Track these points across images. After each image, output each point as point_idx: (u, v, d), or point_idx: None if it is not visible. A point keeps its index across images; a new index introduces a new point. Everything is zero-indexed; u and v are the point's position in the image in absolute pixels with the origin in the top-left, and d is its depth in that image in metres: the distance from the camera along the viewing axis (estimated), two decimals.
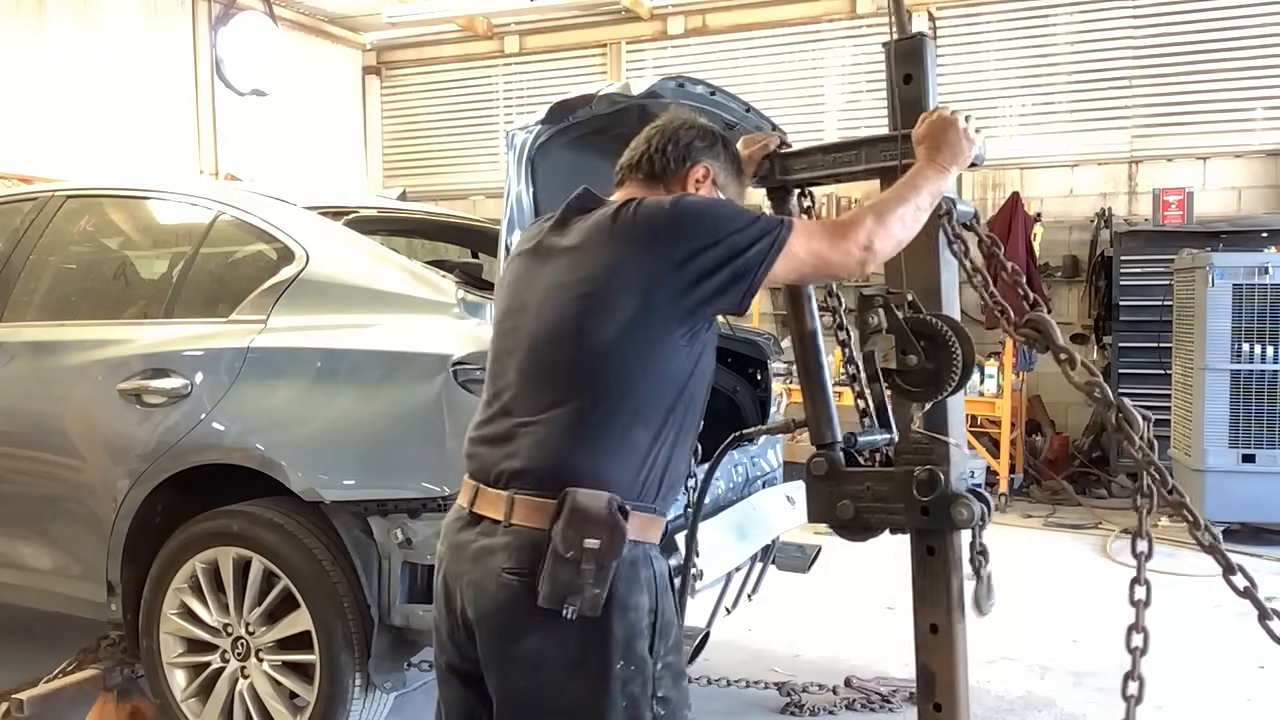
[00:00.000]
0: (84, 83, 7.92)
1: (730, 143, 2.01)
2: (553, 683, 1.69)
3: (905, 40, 2.10)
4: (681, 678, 1.80)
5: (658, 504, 1.77)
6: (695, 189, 1.90)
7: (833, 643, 4.24)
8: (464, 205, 9.62)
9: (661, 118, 2.00)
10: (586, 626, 1.64)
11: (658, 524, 1.78)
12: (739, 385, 3.78)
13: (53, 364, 3.32)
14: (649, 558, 1.74)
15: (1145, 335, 7.23)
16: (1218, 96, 7.75)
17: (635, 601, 1.69)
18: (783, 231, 1.73)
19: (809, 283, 1.93)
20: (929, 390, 1.99)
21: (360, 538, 2.77)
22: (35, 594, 3.40)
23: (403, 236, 4.01)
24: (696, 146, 1.93)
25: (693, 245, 1.70)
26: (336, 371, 2.87)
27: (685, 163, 1.91)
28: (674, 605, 1.80)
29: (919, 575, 2.13)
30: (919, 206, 1.84)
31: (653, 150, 1.92)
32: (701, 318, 1.75)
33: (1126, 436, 1.88)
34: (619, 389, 1.69)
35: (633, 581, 1.69)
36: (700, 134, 1.95)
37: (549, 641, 1.67)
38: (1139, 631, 1.87)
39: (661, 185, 1.90)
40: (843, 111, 8.91)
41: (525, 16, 9.88)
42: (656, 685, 1.71)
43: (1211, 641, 4.02)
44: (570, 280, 1.74)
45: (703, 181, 1.91)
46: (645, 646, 1.70)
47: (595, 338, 1.69)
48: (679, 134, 1.93)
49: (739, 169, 2.02)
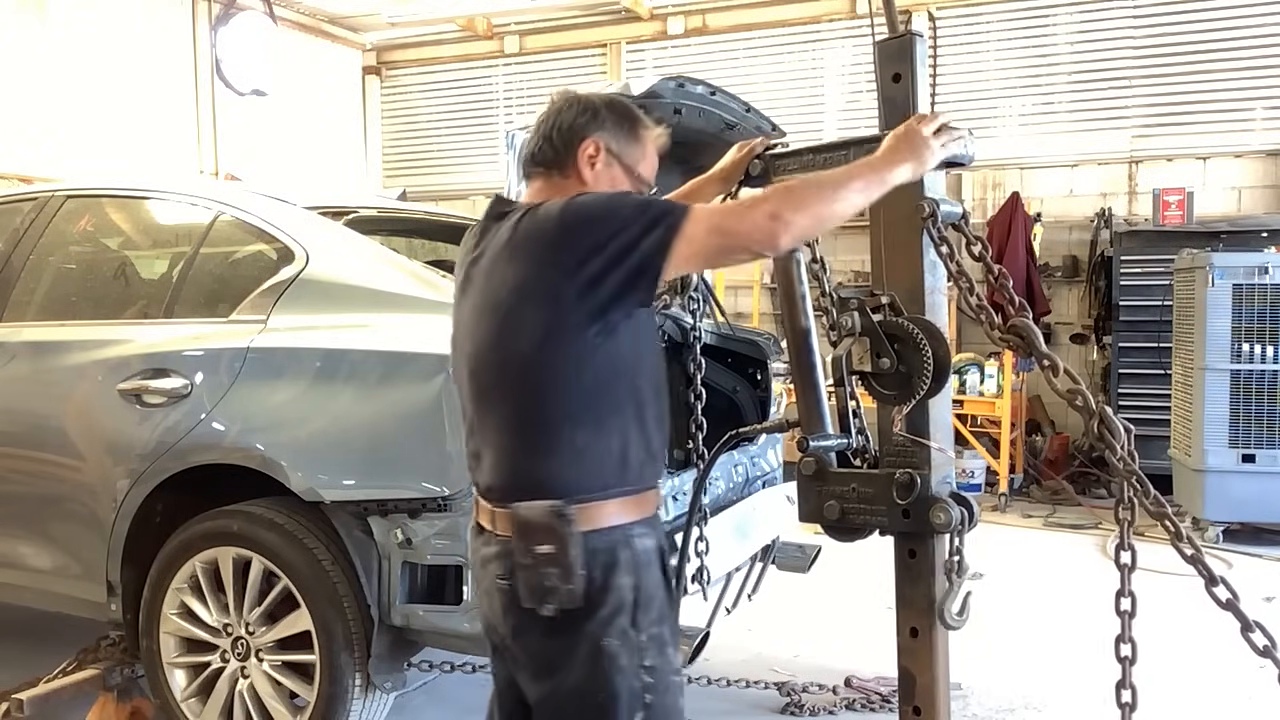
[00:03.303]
0: (84, 83, 7.93)
1: (617, 104, 1.97)
2: (559, 669, 1.80)
3: (894, 39, 2.10)
4: (666, 646, 1.87)
5: (630, 484, 1.83)
6: (591, 165, 1.89)
7: (833, 643, 4.24)
8: (464, 205, 9.61)
9: (547, 104, 1.98)
10: (573, 615, 1.76)
11: (634, 503, 1.83)
12: (739, 385, 3.78)
13: (53, 364, 3.32)
14: (628, 538, 1.82)
15: (1145, 335, 7.23)
16: (1218, 96, 7.75)
17: (616, 583, 1.78)
18: (676, 217, 1.71)
19: (728, 261, 1.85)
20: (903, 393, 1.99)
21: (360, 538, 2.77)
22: (35, 594, 3.40)
23: (403, 236, 4.01)
24: (579, 124, 1.90)
25: (584, 252, 1.71)
26: (336, 371, 2.86)
27: (573, 144, 1.89)
28: (659, 579, 1.87)
29: (901, 578, 2.14)
30: (847, 189, 1.78)
31: (542, 139, 1.91)
32: (615, 315, 1.76)
33: (1108, 445, 1.88)
34: (549, 399, 1.77)
35: (610, 566, 1.78)
36: (580, 109, 1.92)
37: (546, 635, 1.79)
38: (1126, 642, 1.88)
39: (558, 172, 1.90)
40: (843, 111, 8.91)
41: (525, 16, 9.88)
42: (643, 655, 1.81)
43: (1211, 641, 4.02)
44: (483, 305, 1.83)
45: (596, 156, 1.90)
46: (628, 621, 1.80)
47: (516, 356, 1.78)
48: (560, 116, 1.92)
49: (633, 130, 1.96)
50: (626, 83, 2.74)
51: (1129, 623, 1.89)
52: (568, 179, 1.90)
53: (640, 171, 1.95)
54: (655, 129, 2.00)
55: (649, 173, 1.98)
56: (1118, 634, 1.88)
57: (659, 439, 1.91)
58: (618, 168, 1.92)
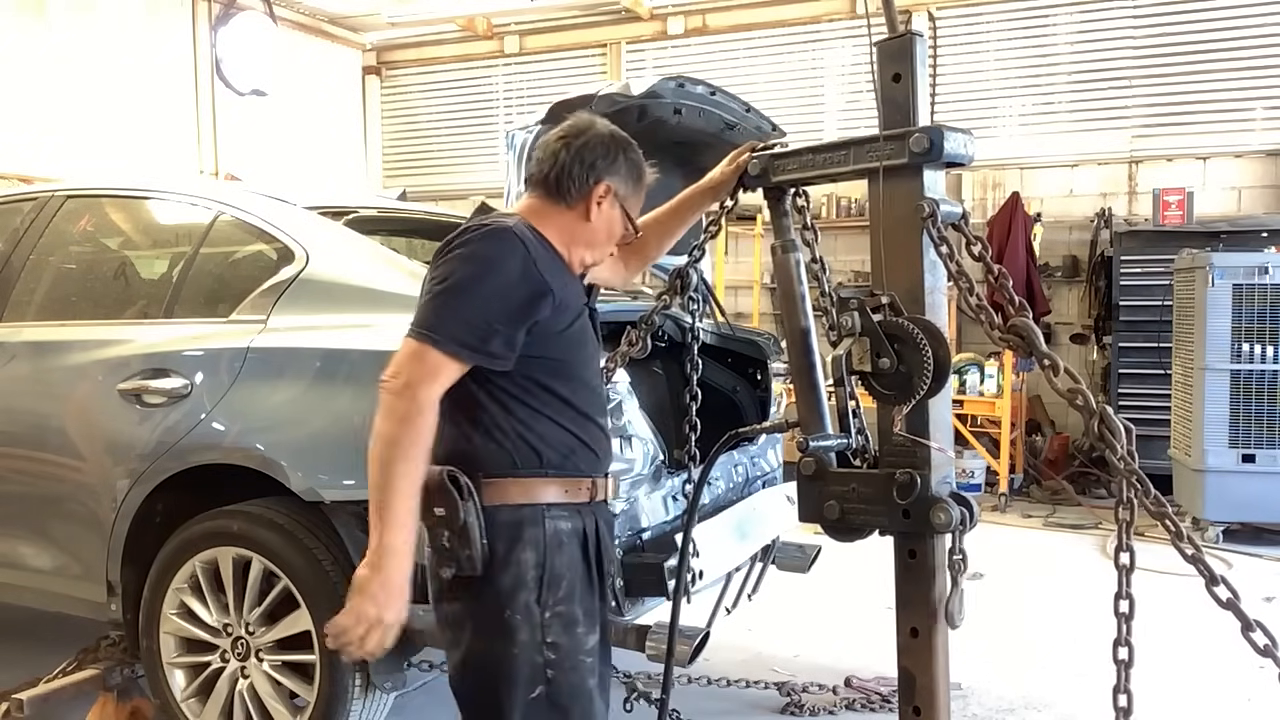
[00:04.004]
0: (84, 83, 7.93)
1: (634, 152, 2.03)
2: (462, 636, 1.92)
3: (894, 39, 2.10)
4: (574, 625, 1.95)
5: (552, 467, 1.93)
6: (598, 206, 1.97)
7: (833, 643, 4.25)
8: (464, 205, 9.61)
9: (567, 125, 2.02)
10: (474, 583, 1.87)
11: (557, 485, 1.94)
12: (739, 385, 3.78)
13: (53, 364, 3.32)
14: (541, 518, 1.92)
15: (1145, 335, 7.23)
16: (1218, 96, 7.75)
17: (518, 558, 1.88)
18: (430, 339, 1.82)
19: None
20: (903, 393, 1.99)
21: (360, 538, 2.75)
22: (35, 594, 3.40)
23: (403, 236, 4.00)
24: (600, 165, 1.97)
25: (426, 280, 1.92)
26: (336, 371, 2.86)
27: (589, 184, 1.96)
28: (576, 559, 1.96)
29: (901, 578, 2.14)
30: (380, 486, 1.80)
31: (560, 169, 1.96)
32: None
33: (1108, 445, 1.88)
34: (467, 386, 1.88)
35: (515, 540, 1.88)
36: (604, 149, 1.98)
37: (452, 601, 1.93)
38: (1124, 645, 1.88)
39: (563, 203, 1.97)
40: (843, 111, 8.91)
41: (525, 16, 9.88)
42: (545, 632, 1.90)
43: (1212, 641, 4.02)
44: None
45: (604, 198, 1.97)
46: (532, 598, 1.89)
47: None
48: (584, 153, 1.97)
49: (640, 179, 2.04)
50: (626, 83, 2.74)
51: (1127, 625, 1.88)
52: (570, 210, 1.97)
53: (634, 217, 2.06)
54: (652, 175, 2.08)
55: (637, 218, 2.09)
56: (1115, 637, 1.88)
57: (592, 432, 2.01)
58: (618, 210, 2.01)
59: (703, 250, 2.58)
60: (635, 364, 2.81)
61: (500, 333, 1.83)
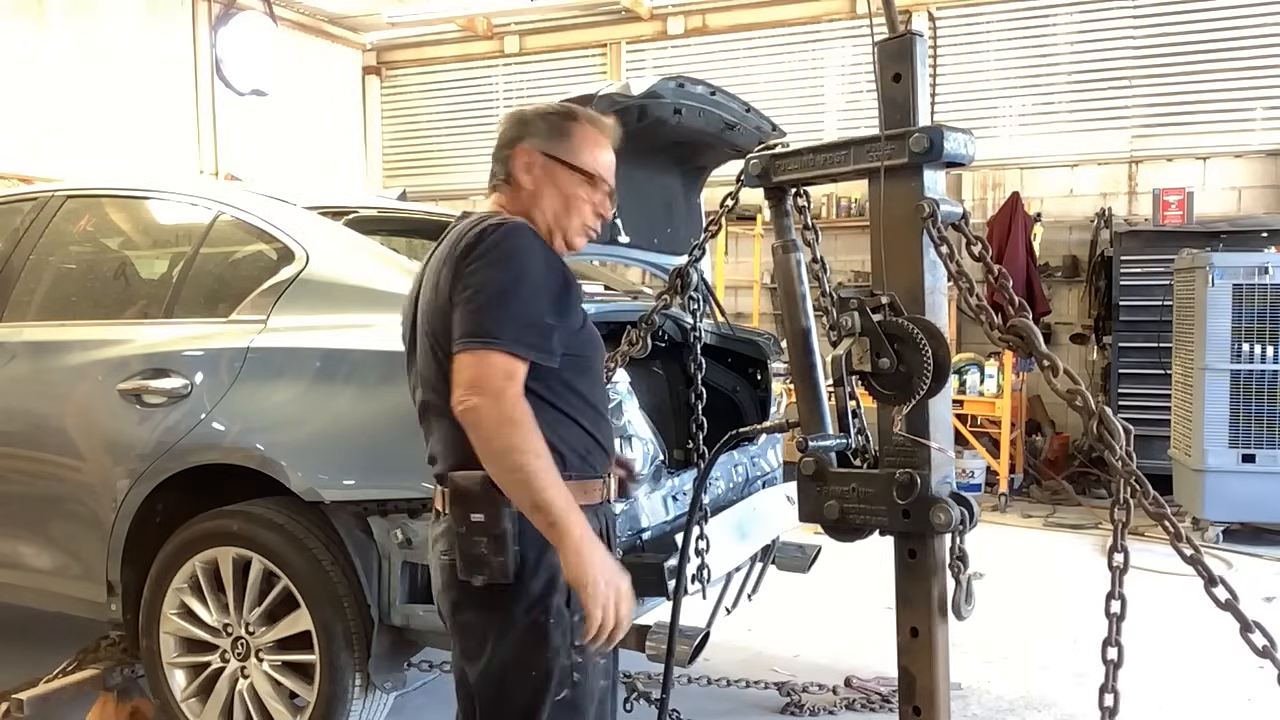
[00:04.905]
0: (84, 83, 7.93)
1: (551, 108, 2.04)
2: (491, 644, 1.87)
3: (894, 39, 2.10)
4: None
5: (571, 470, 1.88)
6: (528, 171, 1.97)
7: (833, 643, 4.25)
8: (464, 205, 9.61)
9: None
10: (504, 590, 1.83)
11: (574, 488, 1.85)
12: (739, 385, 3.78)
13: (53, 364, 3.32)
14: None
15: (1145, 335, 7.23)
16: (1218, 96, 7.75)
17: (549, 562, 1.83)
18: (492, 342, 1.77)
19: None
20: (903, 393, 1.99)
21: (360, 538, 2.77)
22: (35, 594, 3.40)
23: (403, 236, 4.00)
24: (509, 136, 2.00)
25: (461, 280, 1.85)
26: (336, 371, 2.86)
27: (508, 156, 1.99)
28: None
29: (901, 578, 2.13)
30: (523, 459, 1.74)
31: (493, 159, 2.02)
32: None
33: (1107, 445, 1.88)
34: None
35: (544, 545, 1.81)
36: (513, 122, 2.02)
37: (481, 609, 1.87)
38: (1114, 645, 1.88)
39: (505, 184, 2.00)
40: (843, 111, 8.92)
41: (525, 16, 9.88)
42: (575, 635, 1.86)
43: (1212, 640, 4.02)
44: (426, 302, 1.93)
45: (531, 162, 1.97)
46: (562, 600, 1.85)
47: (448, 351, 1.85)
48: (500, 136, 2.02)
49: (562, 126, 2.00)
50: (626, 83, 2.74)
51: (1118, 625, 1.88)
52: (514, 188, 1.99)
53: (580, 164, 1.98)
54: (596, 120, 2.04)
55: (594, 163, 2.00)
56: (1105, 637, 1.88)
57: (605, 431, 2.01)
58: (558, 167, 1.97)
59: (703, 250, 2.58)
60: (635, 364, 2.81)
61: (555, 327, 1.84)
